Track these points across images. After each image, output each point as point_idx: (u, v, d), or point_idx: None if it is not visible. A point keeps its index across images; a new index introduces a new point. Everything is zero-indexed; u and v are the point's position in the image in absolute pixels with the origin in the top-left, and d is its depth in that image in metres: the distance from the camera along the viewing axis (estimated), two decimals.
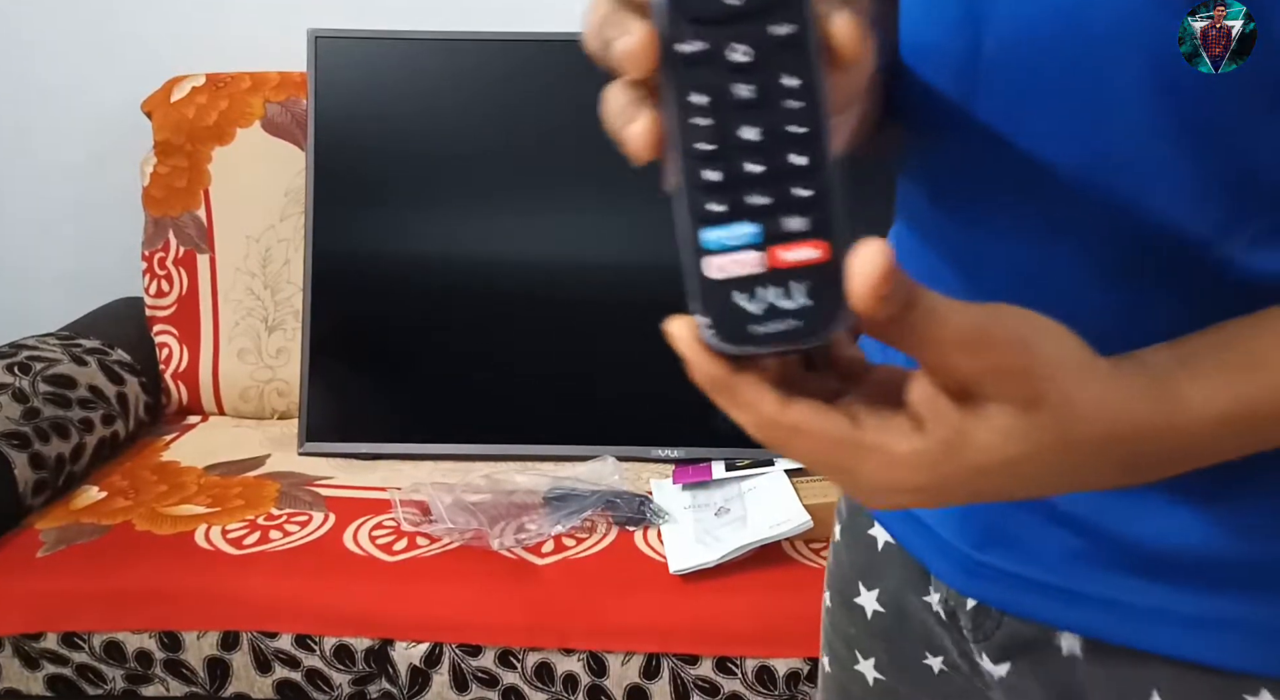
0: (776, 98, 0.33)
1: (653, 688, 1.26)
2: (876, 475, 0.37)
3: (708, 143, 0.33)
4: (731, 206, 0.33)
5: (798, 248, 0.33)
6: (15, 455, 1.44)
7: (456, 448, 1.64)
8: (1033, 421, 0.36)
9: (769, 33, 0.33)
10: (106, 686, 1.32)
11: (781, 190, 0.33)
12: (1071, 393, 0.36)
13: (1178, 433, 0.39)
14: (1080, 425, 0.37)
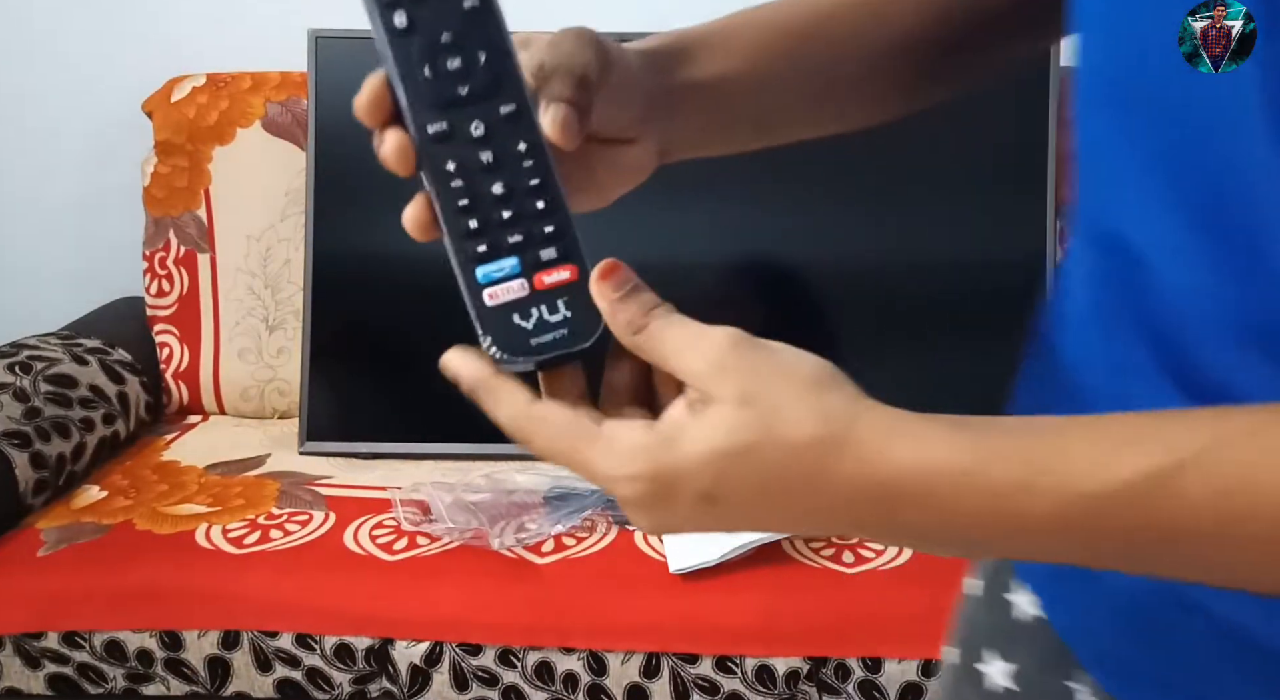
0: (511, 159, 0.43)
1: (653, 687, 1.26)
2: (603, 462, 0.40)
3: (463, 198, 0.43)
4: (491, 247, 0.43)
5: (553, 272, 0.43)
6: (16, 454, 1.44)
7: (457, 447, 1.64)
8: (740, 415, 0.38)
9: (498, 110, 0.43)
10: (107, 686, 1.32)
11: (530, 229, 0.43)
12: (784, 396, 0.38)
13: (939, 481, 0.38)
14: (785, 426, 0.38)
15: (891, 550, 1.36)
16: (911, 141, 1.64)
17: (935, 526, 0.39)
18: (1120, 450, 0.37)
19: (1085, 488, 0.36)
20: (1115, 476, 0.36)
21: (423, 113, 0.43)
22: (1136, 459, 0.36)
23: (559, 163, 0.44)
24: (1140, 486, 0.36)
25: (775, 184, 1.62)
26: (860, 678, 1.24)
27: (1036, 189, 1.61)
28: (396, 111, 0.43)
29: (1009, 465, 0.37)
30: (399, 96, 0.42)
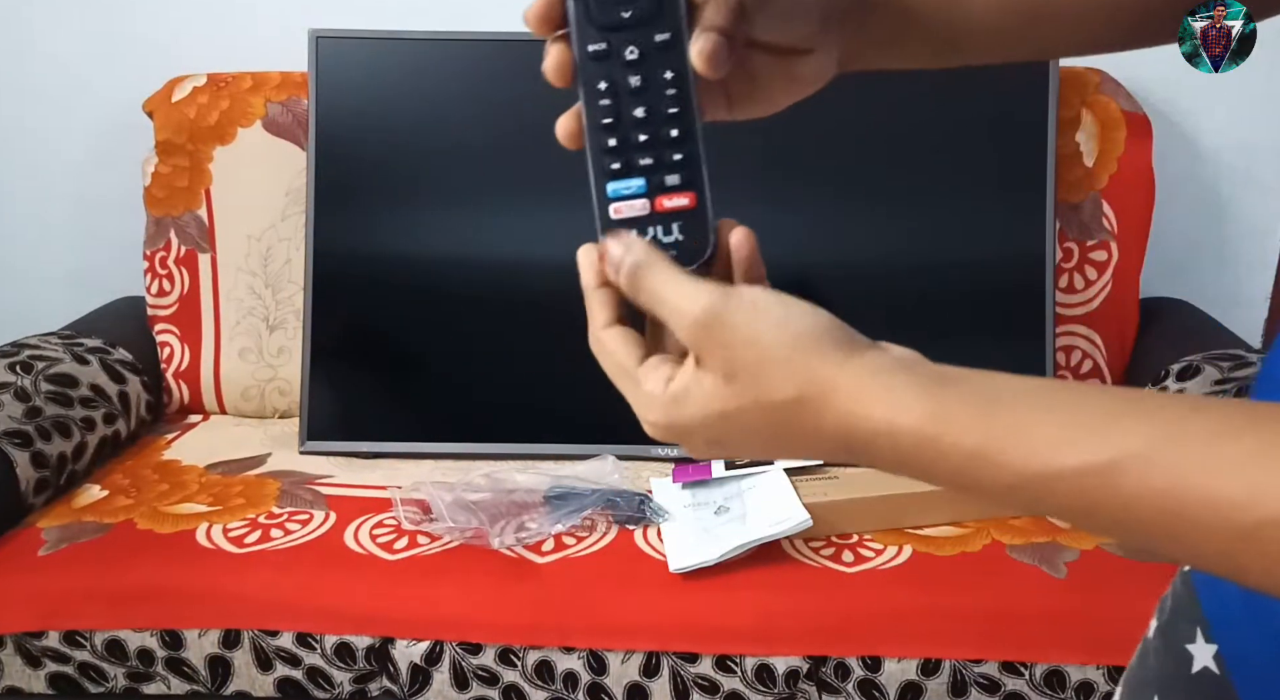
0: (656, 86, 0.46)
1: (652, 686, 1.26)
2: (636, 403, 0.48)
3: (608, 116, 0.47)
4: (624, 166, 0.47)
5: (674, 197, 0.47)
6: (17, 454, 1.44)
7: (457, 446, 1.64)
8: (730, 388, 0.44)
9: (653, 37, 0.46)
10: (108, 685, 1.32)
11: (660, 154, 0.47)
12: (766, 363, 0.43)
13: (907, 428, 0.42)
14: (769, 393, 0.43)
15: (890, 550, 1.36)
16: (910, 141, 1.64)
17: (903, 471, 0.43)
18: (1074, 437, 0.39)
19: (1033, 468, 0.39)
20: (1061, 463, 0.39)
21: (586, 31, 0.46)
22: (1083, 450, 0.38)
23: (728, 73, 0.47)
24: (1083, 476, 0.38)
25: (775, 183, 1.62)
26: (860, 677, 1.25)
27: (1036, 189, 1.62)
28: (563, 26, 0.47)
29: (969, 436, 0.40)
30: (569, 12, 0.46)
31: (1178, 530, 0.37)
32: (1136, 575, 1.28)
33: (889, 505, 1.40)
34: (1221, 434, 0.37)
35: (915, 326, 1.64)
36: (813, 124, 1.63)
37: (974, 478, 0.41)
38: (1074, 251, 1.69)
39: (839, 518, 1.39)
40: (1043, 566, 1.32)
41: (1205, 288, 1.87)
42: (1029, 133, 1.61)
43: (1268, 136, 1.84)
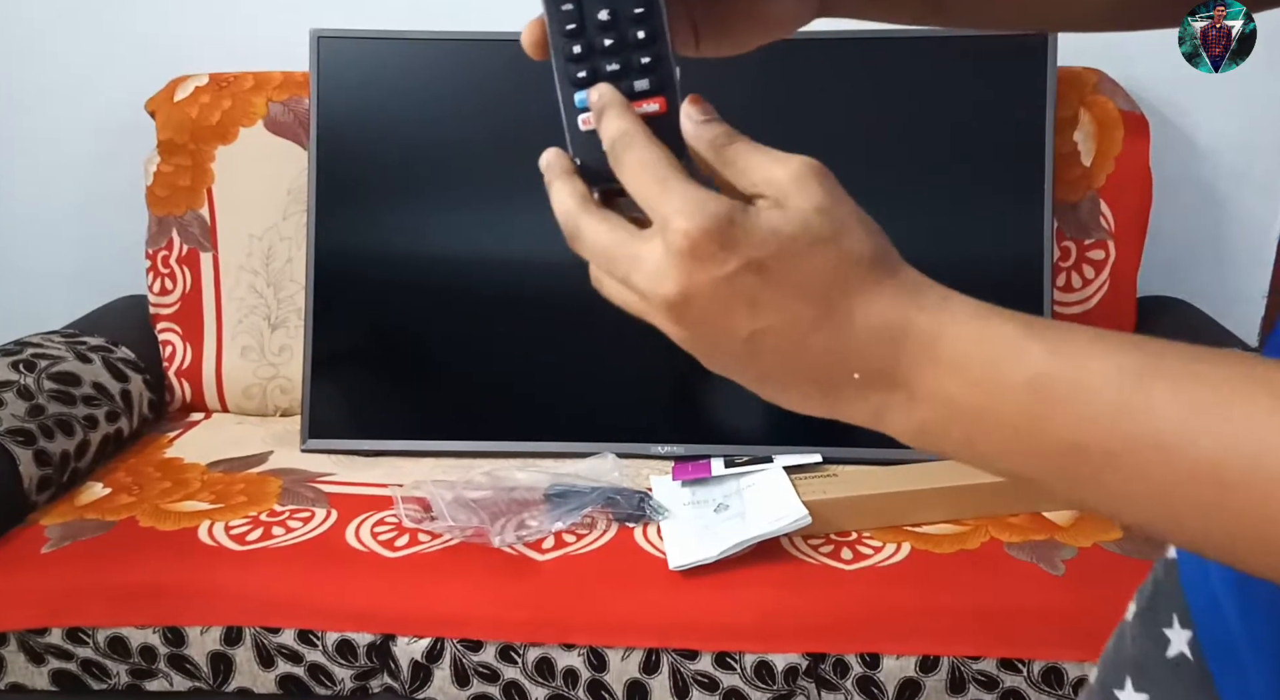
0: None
1: (652, 683, 1.27)
2: (670, 210, 0.40)
3: (572, 22, 0.45)
4: (590, 73, 0.45)
5: (643, 103, 0.44)
6: (20, 452, 1.45)
7: (457, 445, 1.65)
8: (815, 218, 0.40)
9: None
10: (111, 681, 1.33)
11: (628, 59, 0.44)
12: (855, 220, 0.41)
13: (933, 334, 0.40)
14: (850, 241, 0.40)
15: (889, 548, 1.37)
16: (908, 141, 1.65)
17: (945, 373, 0.40)
18: (1020, 350, 0.38)
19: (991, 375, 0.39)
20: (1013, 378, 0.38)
21: None
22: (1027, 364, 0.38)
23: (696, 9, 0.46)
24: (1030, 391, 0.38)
25: None
26: (859, 673, 1.25)
27: (1034, 188, 1.62)
28: None
29: (979, 346, 0.39)
30: None
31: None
32: (1134, 573, 1.28)
33: (888, 503, 1.41)
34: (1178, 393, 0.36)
35: None
36: (810, 123, 1.63)
37: (967, 382, 0.39)
38: (1071, 250, 1.70)
39: (838, 515, 1.40)
40: (1041, 564, 1.32)
41: (1202, 286, 1.88)
42: (1027, 132, 1.62)
43: (1265, 136, 1.85)
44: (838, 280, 0.40)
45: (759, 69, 1.63)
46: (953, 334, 0.39)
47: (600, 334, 1.65)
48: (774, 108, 1.63)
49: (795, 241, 0.39)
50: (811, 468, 1.52)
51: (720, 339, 0.41)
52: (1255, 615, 0.44)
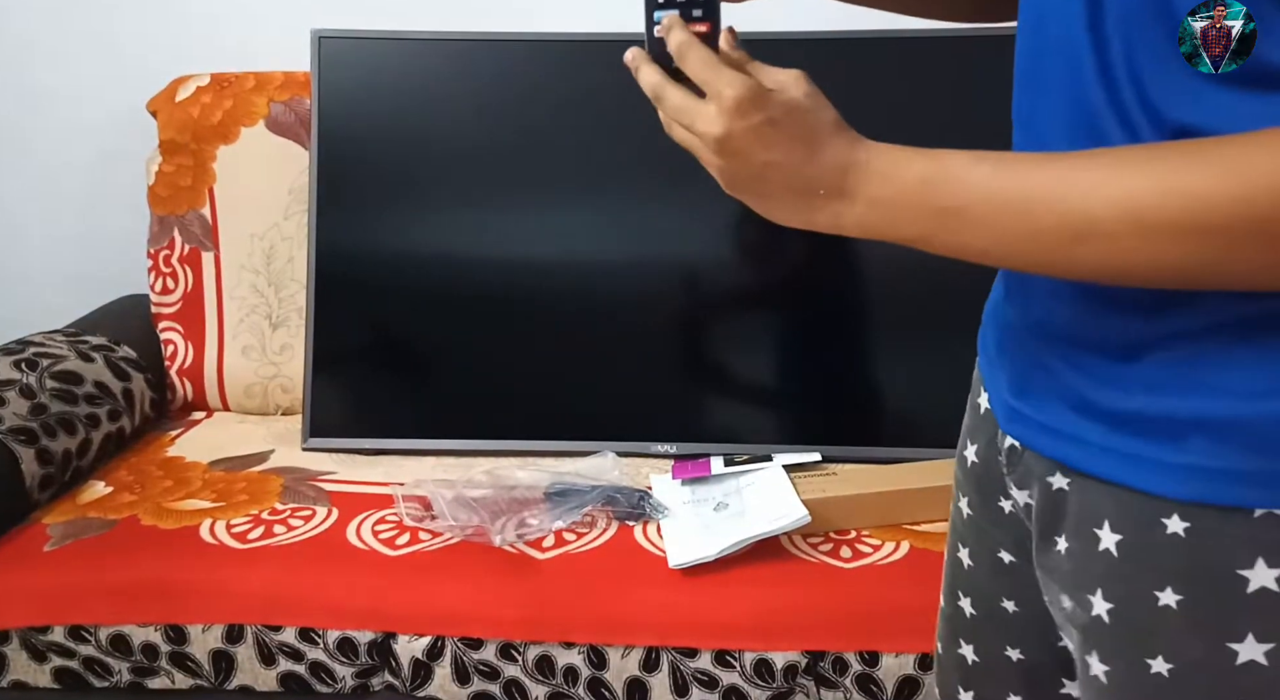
0: None
1: (652, 680, 1.27)
2: (727, 84, 0.63)
3: None
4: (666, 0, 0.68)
5: (695, 25, 0.68)
6: (22, 451, 1.46)
7: (458, 443, 1.65)
8: (809, 97, 0.65)
9: None
10: (113, 679, 1.34)
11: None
12: (829, 104, 0.66)
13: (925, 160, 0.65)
14: (828, 110, 0.65)
15: (888, 546, 1.37)
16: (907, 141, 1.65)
17: (868, 182, 0.64)
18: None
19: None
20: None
21: None
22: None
23: None
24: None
25: None
26: (858, 671, 1.26)
27: None
28: None
29: (908, 152, 0.65)
30: None
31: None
32: None
33: (886, 501, 1.42)
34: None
35: (911, 325, 1.65)
36: None
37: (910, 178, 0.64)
38: None
39: (837, 514, 1.40)
40: None
41: None
42: None
43: None
44: (817, 132, 0.64)
45: None
46: (876, 159, 0.64)
47: (600, 333, 1.65)
48: None
49: (796, 108, 0.64)
50: (810, 466, 1.52)
51: (743, 166, 0.64)
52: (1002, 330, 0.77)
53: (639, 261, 1.62)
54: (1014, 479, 0.75)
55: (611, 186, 1.65)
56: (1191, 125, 0.57)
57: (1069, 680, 0.81)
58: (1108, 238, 0.56)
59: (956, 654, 0.88)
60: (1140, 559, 0.65)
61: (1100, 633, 0.68)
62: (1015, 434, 0.73)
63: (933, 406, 1.64)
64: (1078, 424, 0.67)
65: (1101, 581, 0.67)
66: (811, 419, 1.66)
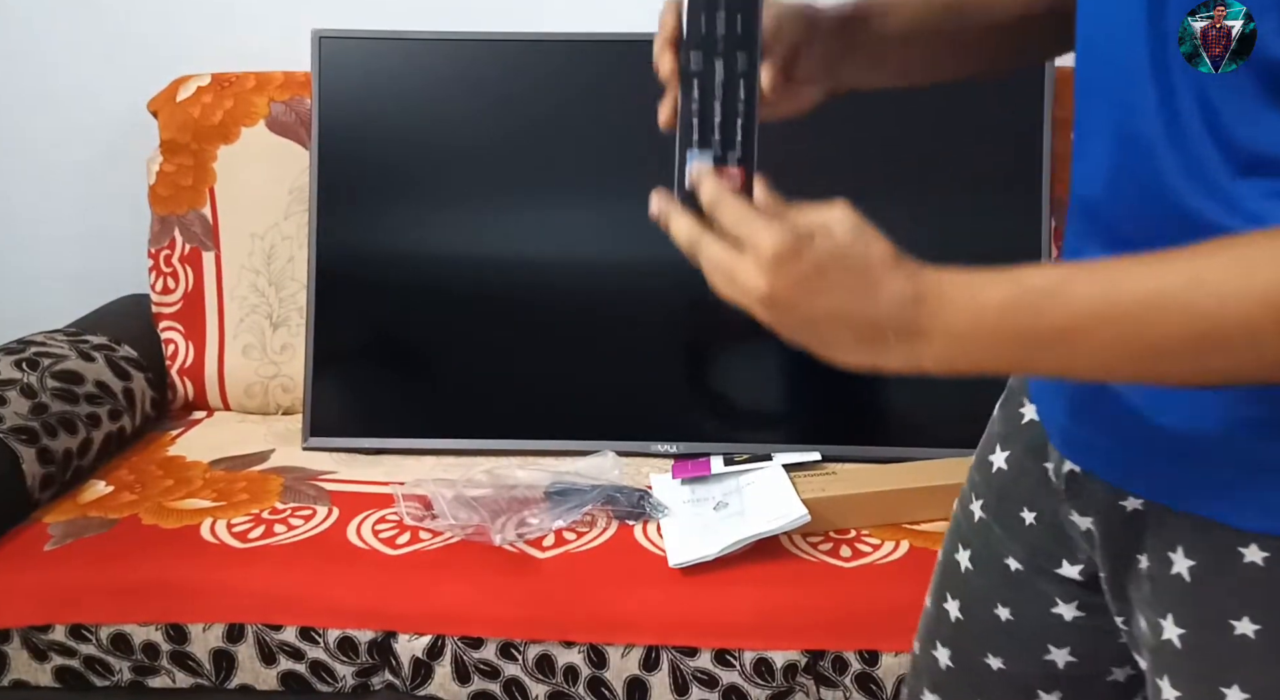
0: (732, 93, 0.65)
1: (652, 679, 1.27)
2: (764, 234, 0.58)
3: (695, 105, 0.65)
4: (700, 140, 0.65)
5: (729, 170, 0.65)
6: (23, 450, 1.46)
7: (458, 443, 1.65)
8: (853, 234, 0.59)
9: (737, 60, 0.64)
10: (114, 678, 1.34)
11: (728, 137, 0.65)
12: (876, 235, 0.59)
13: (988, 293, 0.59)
14: (876, 246, 0.59)
15: (888, 545, 1.37)
16: (907, 142, 1.65)
17: (945, 313, 0.58)
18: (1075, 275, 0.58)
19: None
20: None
21: (692, 47, 0.64)
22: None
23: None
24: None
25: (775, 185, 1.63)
26: (857, 670, 1.26)
27: (1031, 189, 1.62)
28: (677, 41, 0.65)
29: (983, 276, 0.60)
30: (683, 32, 0.64)
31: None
32: None
33: (886, 500, 1.42)
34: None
35: None
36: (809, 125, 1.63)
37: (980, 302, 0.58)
38: None
39: (837, 513, 1.40)
40: None
41: None
42: (1025, 132, 1.62)
43: None
44: (870, 271, 0.58)
45: None
46: (947, 289, 0.58)
47: (600, 333, 1.65)
48: None
49: (840, 250, 0.58)
50: (810, 466, 1.52)
51: (797, 320, 0.59)
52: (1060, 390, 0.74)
53: (639, 261, 1.62)
54: (1075, 505, 0.74)
55: (611, 186, 1.65)
56: (1267, 154, 0.55)
57: (1046, 693, 0.82)
58: (1247, 340, 0.52)
59: (930, 655, 0.88)
60: (1216, 586, 0.64)
61: (1171, 658, 0.67)
62: (1079, 460, 0.72)
63: (933, 406, 1.64)
64: (1148, 453, 0.66)
65: (1174, 606, 0.66)
66: (811, 418, 1.66)
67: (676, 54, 0.65)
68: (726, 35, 0.64)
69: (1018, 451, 0.80)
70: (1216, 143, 0.57)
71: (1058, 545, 0.77)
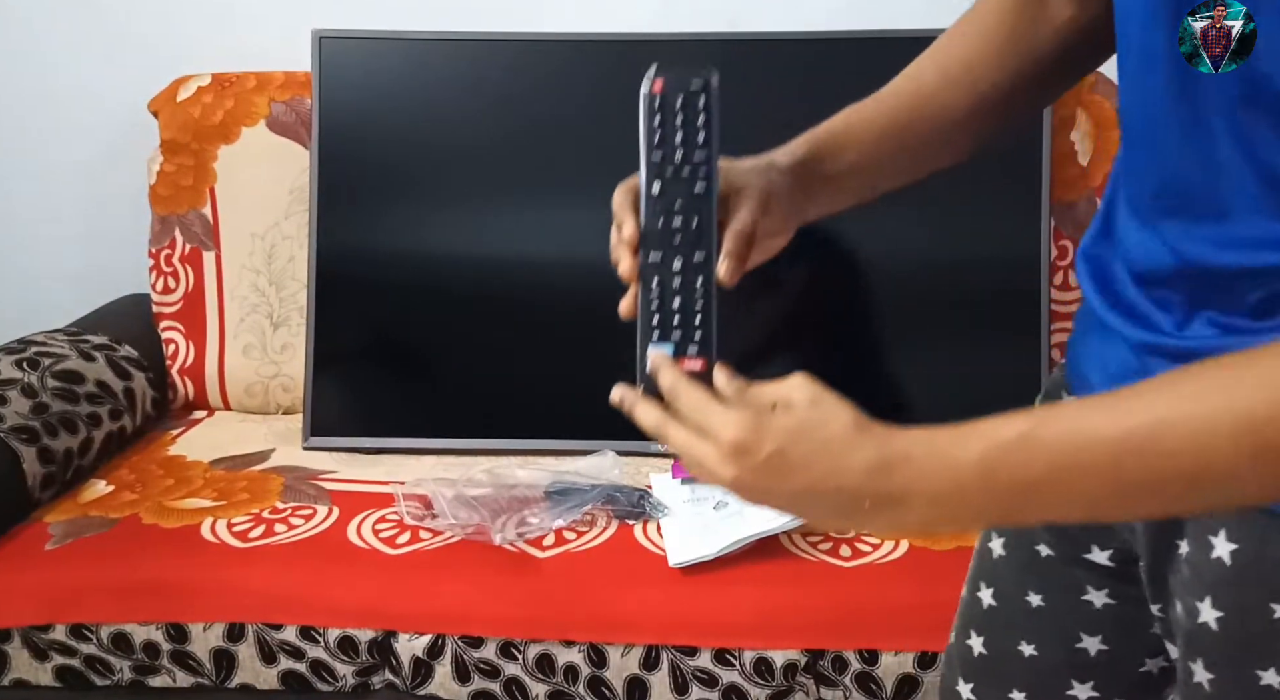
0: (689, 285, 0.66)
1: (652, 679, 1.28)
2: (726, 418, 0.60)
3: (655, 300, 0.66)
4: (662, 333, 0.66)
5: (691, 360, 0.66)
6: (24, 450, 1.46)
7: (459, 442, 1.65)
8: (809, 412, 0.59)
9: (693, 255, 0.66)
10: (114, 677, 1.34)
11: (686, 330, 0.66)
12: (834, 404, 0.60)
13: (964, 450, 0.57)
14: (834, 422, 0.59)
15: (887, 545, 1.37)
16: None
17: (920, 479, 0.57)
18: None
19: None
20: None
21: (649, 246, 0.66)
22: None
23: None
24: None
25: None
26: (857, 670, 1.26)
27: (1031, 188, 1.63)
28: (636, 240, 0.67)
29: (953, 434, 0.57)
30: (642, 232, 0.66)
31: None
32: None
33: None
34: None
35: (912, 325, 1.65)
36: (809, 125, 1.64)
37: (958, 457, 0.56)
38: (1069, 249, 1.70)
39: None
40: None
41: None
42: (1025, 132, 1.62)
43: None
44: (835, 443, 0.58)
45: (761, 70, 1.64)
46: (919, 449, 0.57)
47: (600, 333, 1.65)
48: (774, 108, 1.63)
49: (800, 429, 0.59)
50: None
51: (769, 499, 0.61)
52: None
53: None
54: None
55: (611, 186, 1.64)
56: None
57: (1079, 682, 0.82)
58: (1228, 477, 0.53)
59: (964, 644, 0.88)
60: (1256, 571, 0.65)
61: (1207, 641, 0.68)
62: None
63: (932, 405, 1.64)
64: None
65: (1212, 589, 0.67)
66: None
67: (635, 253, 0.66)
68: (683, 233, 0.65)
69: None
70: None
71: (1084, 531, 0.78)
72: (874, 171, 0.79)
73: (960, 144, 0.82)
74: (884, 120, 0.77)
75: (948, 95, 0.78)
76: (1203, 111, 0.58)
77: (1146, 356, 0.67)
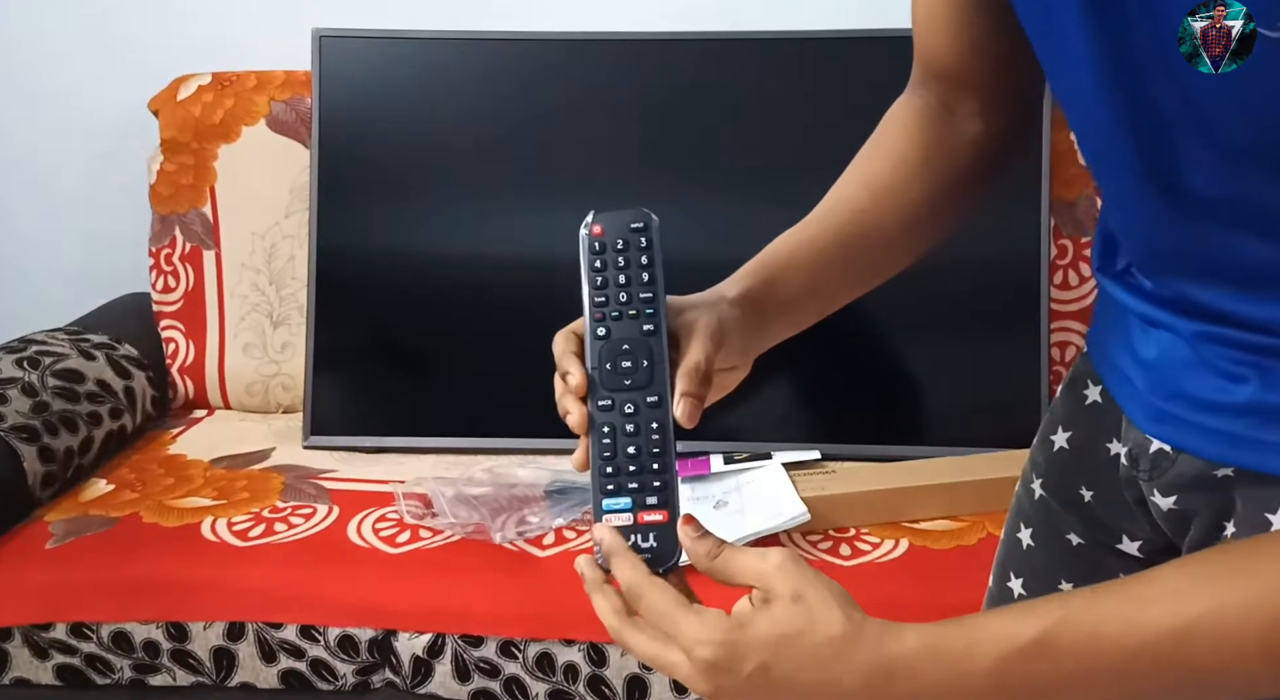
0: (645, 432, 0.61)
1: (652, 678, 1.28)
2: (690, 629, 0.55)
3: (607, 451, 0.61)
4: (616, 487, 0.61)
5: (651, 513, 0.60)
6: (25, 449, 1.46)
7: (458, 441, 1.65)
8: (793, 609, 0.55)
9: (646, 398, 0.62)
10: (114, 676, 1.34)
11: (644, 480, 0.61)
12: (823, 601, 0.55)
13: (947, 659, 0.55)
14: (823, 623, 0.55)
15: (887, 544, 1.37)
16: None
17: (926, 690, 0.55)
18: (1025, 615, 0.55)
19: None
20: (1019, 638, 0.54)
21: (598, 391, 0.62)
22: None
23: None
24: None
25: (771, 181, 1.63)
26: None
27: (1030, 187, 1.63)
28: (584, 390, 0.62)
29: (961, 641, 0.55)
30: (589, 376, 0.62)
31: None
32: None
33: (886, 499, 1.42)
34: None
35: (911, 323, 1.65)
36: (810, 125, 1.64)
37: (968, 670, 0.54)
38: (1068, 248, 1.70)
39: (836, 511, 1.41)
40: None
41: None
42: None
43: None
44: (824, 657, 0.54)
45: (759, 70, 1.64)
46: (917, 661, 0.55)
47: None
48: (775, 108, 1.63)
49: (784, 640, 0.54)
50: (810, 464, 1.52)
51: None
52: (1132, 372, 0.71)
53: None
54: (1159, 485, 0.71)
55: (611, 186, 1.65)
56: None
57: None
58: (1246, 687, 0.53)
59: None
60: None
61: None
62: (1167, 437, 0.70)
63: (932, 404, 1.65)
64: (1254, 425, 0.65)
65: None
66: (811, 417, 1.66)
67: (583, 401, 0.62)
68: (633, 375, 0.62)
69: (1081, 432, 0.80)
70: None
71: (1115, 521, 0.77)
72: (826, 291, 0.78)
73: (907, 248, 0.81)
74: (824, 240, 0.77)
75: (878, 213, 0.77)
76: (1182, 173, 0.58)
77: (1201, 344, 0.66)
